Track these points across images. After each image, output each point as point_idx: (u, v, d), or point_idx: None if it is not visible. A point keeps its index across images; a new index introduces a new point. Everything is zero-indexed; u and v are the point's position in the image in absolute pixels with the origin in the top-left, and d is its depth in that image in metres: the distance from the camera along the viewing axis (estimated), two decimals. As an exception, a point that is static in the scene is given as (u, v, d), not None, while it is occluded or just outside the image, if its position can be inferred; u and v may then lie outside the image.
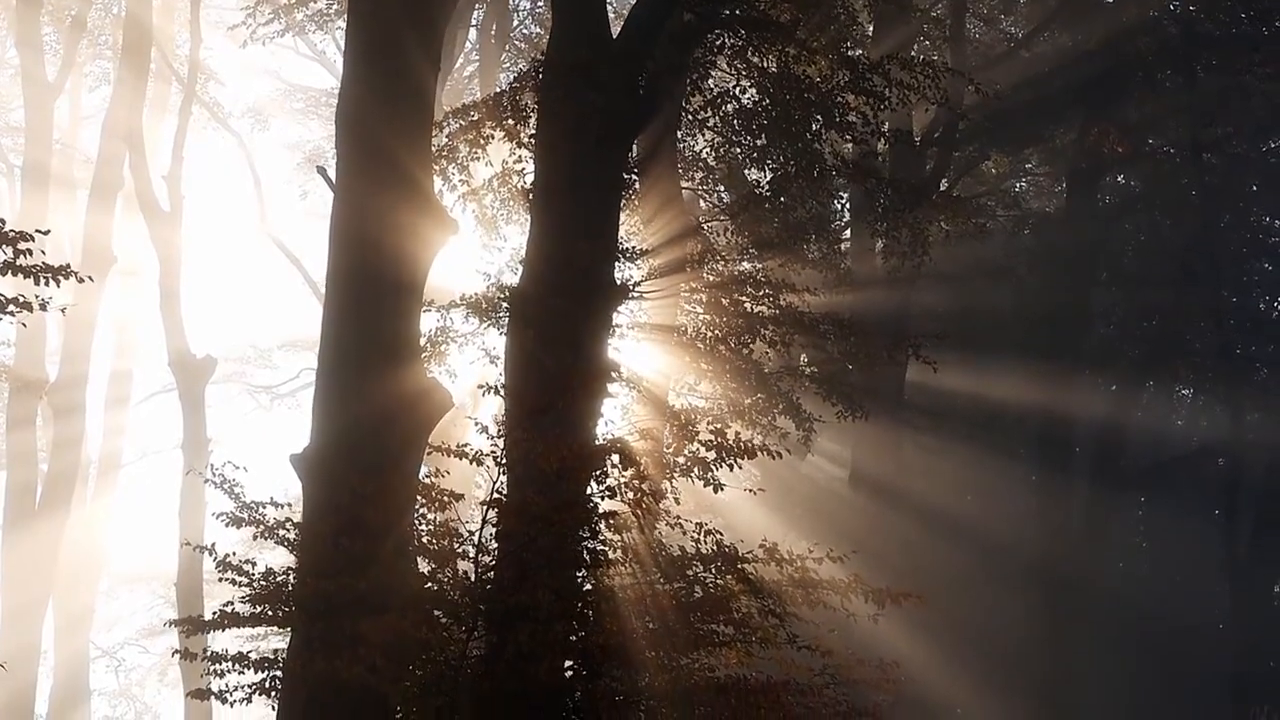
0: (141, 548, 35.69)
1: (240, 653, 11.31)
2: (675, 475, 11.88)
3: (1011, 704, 21.63)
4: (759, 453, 11.40)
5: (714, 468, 11.75)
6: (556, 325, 13.40)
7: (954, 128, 22.03)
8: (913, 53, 20.03)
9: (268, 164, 43.12)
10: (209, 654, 11.22)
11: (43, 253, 9.34)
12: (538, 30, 27.16)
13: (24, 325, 11.08)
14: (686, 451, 11.91)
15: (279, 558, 14.02)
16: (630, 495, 11.37)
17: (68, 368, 26.84)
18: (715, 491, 11.74)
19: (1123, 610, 25.25)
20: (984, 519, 24.94)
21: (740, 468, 11.76)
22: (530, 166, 16.65)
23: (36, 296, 9.56)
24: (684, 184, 16.98)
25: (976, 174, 27.01)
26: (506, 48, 28.37)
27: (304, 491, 11.98)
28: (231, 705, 11.24)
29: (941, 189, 19.19)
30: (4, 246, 9.28)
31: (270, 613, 11.53)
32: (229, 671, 11.24)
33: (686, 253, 15.92)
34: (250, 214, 34.17)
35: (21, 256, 9.32)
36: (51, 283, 9.37)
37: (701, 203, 17.94)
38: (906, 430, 23.55)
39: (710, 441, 11.80)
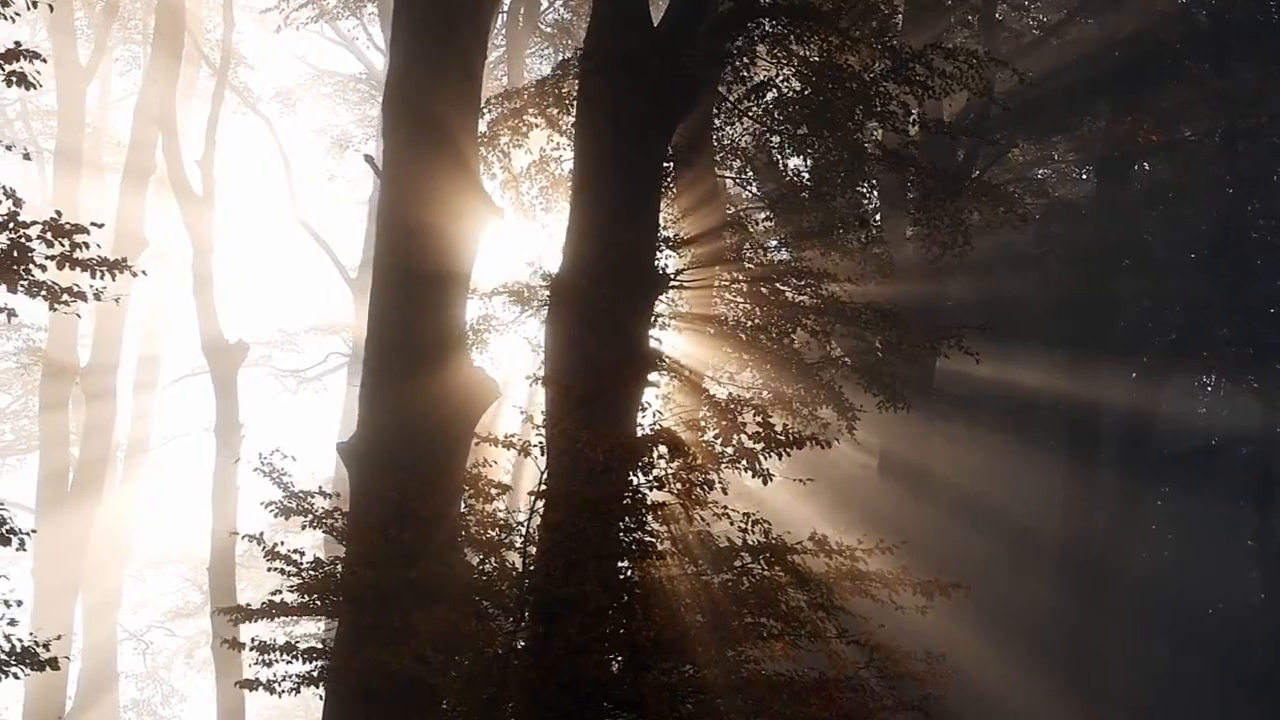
0: (169, 531, 35.80)
1: (289, 642, 11.31)
2: (723, 466, 11.81)
3: (1042, 687, 21.65)
4: (808, 443, 11.36)
5: (762, 458, 11.71)
6: (598, 314, 13.37)
7: (985, 116, 21.93)
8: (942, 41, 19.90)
9: (295, 148, 43.02)
10: (257, 643, 11.23)
11: (98, 245, 9.34)
12: (567, 16, 27.09)
13: (78, 316, 11.09)
14: (735, 442, 11.85)
15: (303, 540, 13.95)
16: (680, 486, 11.35)
17: (99, 353, 26.91)
18: (765, 484, 11.69)
19: (1151, 597, 25.25)
20: (1012, 506, 24.94)
21: (790, 456, 11.70)
22: (568, 154, 16.66)
23: (91, 286, 9.58)
24: (720, 173, 16.91)
25: (1003, 163, 26.93)
26: (534, 33, 28.30)
27: (351, 481, 11.99)
28: (280, 695, 11.25)
29: (972, 177, 19.06)
30: (60, 239, 9.29)
31: (318, 602, 11.57)
32: (276, 660, 11.25)
33: (725, 242, 15.87)
34: (278, 197, 34.23)
35: (78, 249, 9.33)
36: (107, 274, 9.37)
37: (738, 192, 17.88)
38: (936, 418, 23.51)
39: (758, 432, 11.77)
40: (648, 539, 11.58)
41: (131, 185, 26.51)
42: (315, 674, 11.39)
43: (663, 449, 11.73)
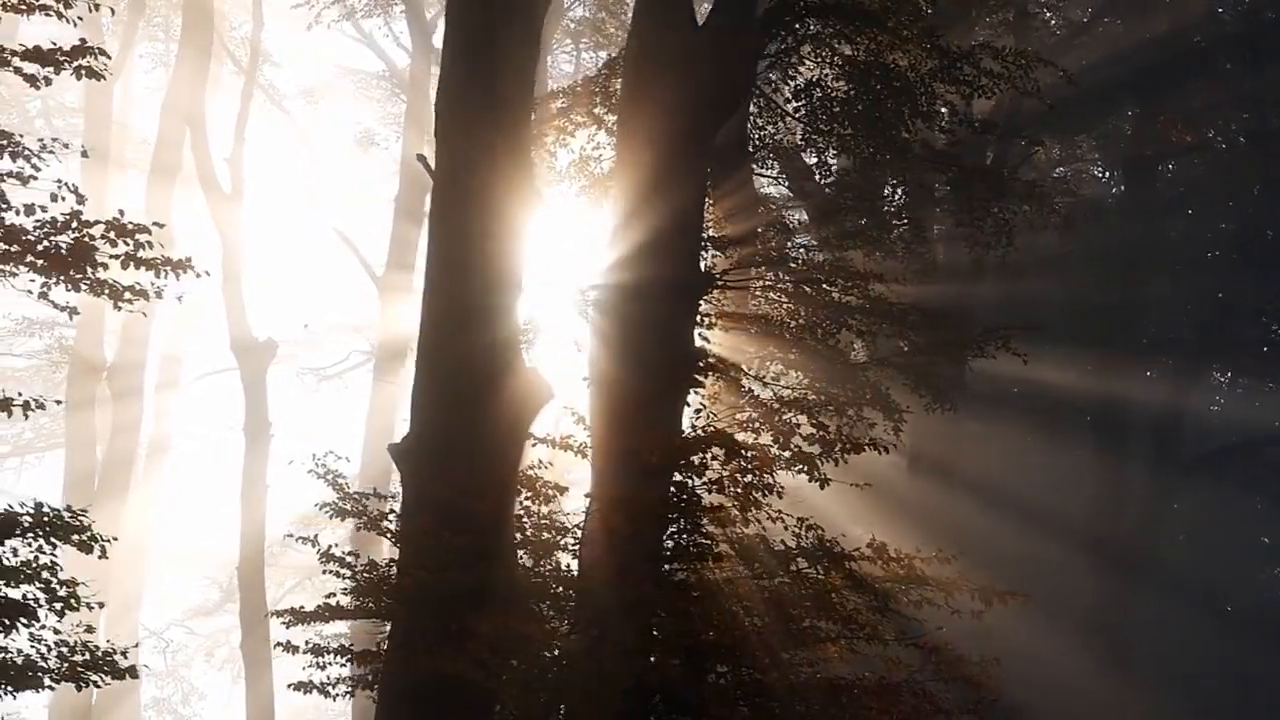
0: (190, 529, 35.71)
1: (343, 645, 11.24)
2: (778, 469, 11.71)
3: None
4: (866, 448, 11.27)
5: (820, 462, 11.61)
6: (643, 314, 13.28)
7: (1016, 114, 21.83)
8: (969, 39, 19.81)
9: (319, 145, 42.91)
10: (311, 645, 11.15)
11: (162, 245, 9.26)
12: (600, 14, 26.93)
13: (144, 315, 11.03)
14: (791, 445, 11.76)
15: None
16: (736, 489, 11.27)
17: (126, 351, 26.83)
18: (821, 487, 11.58)
19: (1182, 594, 25.22)
20: (1043, 506, 24.87)
21: (846, 462, 11.61)
22: (608, 153, 16.55)
23: (153, 284, 9.51)
24: (760, 173, 16.83)
25: (1029, 162, 26.83)
26: (558, 30, 28.18)
27: (403, 483, 11.89)
28: (335, 699, 11.18)
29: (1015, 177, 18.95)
30: (124, 238, 9.21)
31: (372, 605, 11.47)
32: (330, 663, 11.17)
33: (769, 242, 15.78)
34: (302, 195, 34.19)
35: (141, 249, 9.25)
36: (172, 274, 9.29)
37: (777, 191, 17.82)
38: (965, 418, 23.43)
39: (813, 435, 11.68)
40: (703, 541, 11.51)
41: (158, 182, 26.42)
42: (370, 677, 11.30)
43: (717, 450, 11.67)
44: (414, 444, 11.86)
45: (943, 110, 14.21)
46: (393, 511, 11.78)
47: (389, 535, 11.72)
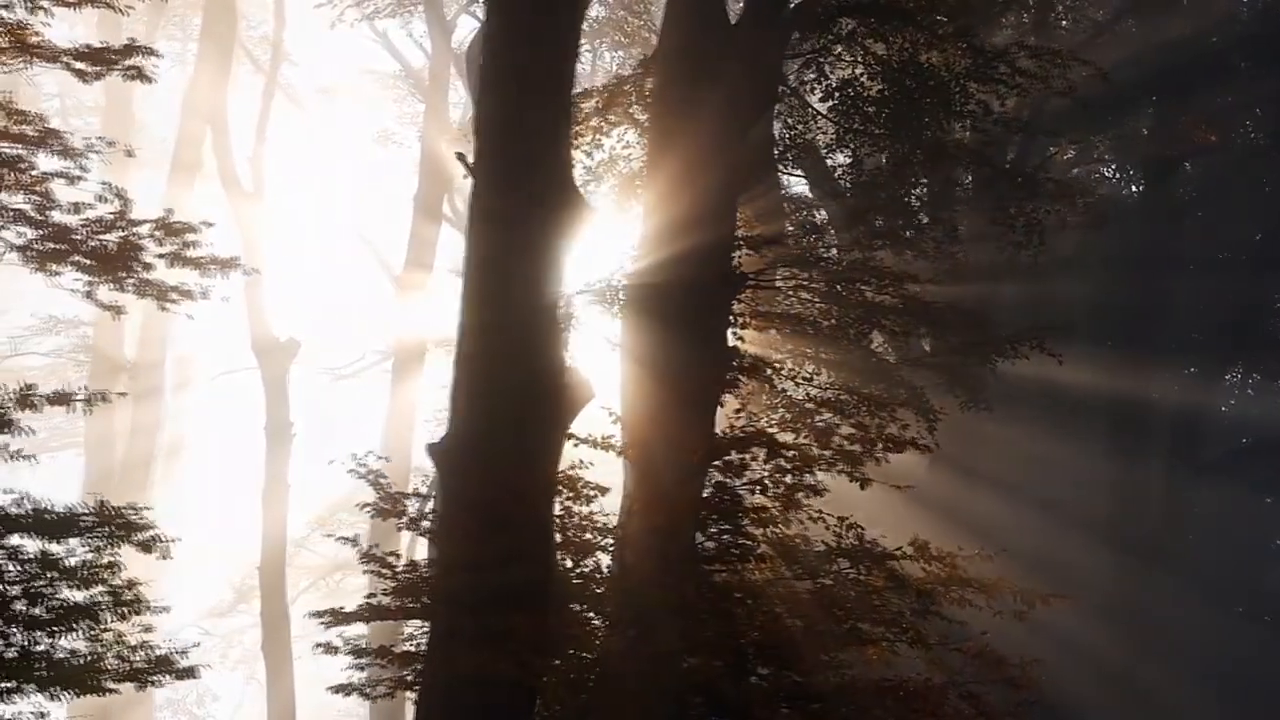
0: (207, 529, 35.66)
1: (383, 645, 11.19)
2: (818, 469, 11.65)
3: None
4: (908, 446, 11.22)
5: (861, 462, 11.56)
6: (677, 313, 13.22)
7: (1041, 113, 21.76)
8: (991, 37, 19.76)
9: (337, 144, 42.85)
10: (351, 647, 11.10)
11: (210, 244, 9.23)
12: (623, 14, 26.84)
13: (190, 317, 11.03)
14: (833, 445, 11.70)
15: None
16: (778, 489, 11.22)
17: (146, 351, 26.78)
18: (862, 488, 11.51)
19: (1204, 593, 25.19)
20: (1064, 505, 24.86)
21: (888, 462, 11.55)
22: (637, 152, 16.50)
23: (198, 284, 9.48)
24: (789, 172, 16.79)
25: (1048, 162, 26.78)
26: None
27: (441, 483, 11.82)
28: (375, 700, 11.12)
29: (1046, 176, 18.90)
30: (170, 238, 9.17)
31: (411, 605, 11.42)
32: (370, 664, 11.13)
33: (801, 240, 15.72)
34: (320, 194, 34.14)
35: (188, 247, 9.21)
36: (219, 272, 9.25)
37: (805, 192, 17.76)
38: (985, 416, 23.39)
39: (854, 434, 11.63)
40: (744, 542, 11.46)
41: (178, 180, 26.37)
42: (410, 677, 11.25)
43: (756, 450, 11.62)
44: (453, 443, 11.77)
45: (975, 109, 14.12)
46: (433, 511, 11.72)
47: (428, 536, 11.65)
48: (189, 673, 9.08)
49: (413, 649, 11.59)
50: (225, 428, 38.86)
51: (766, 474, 11.40)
